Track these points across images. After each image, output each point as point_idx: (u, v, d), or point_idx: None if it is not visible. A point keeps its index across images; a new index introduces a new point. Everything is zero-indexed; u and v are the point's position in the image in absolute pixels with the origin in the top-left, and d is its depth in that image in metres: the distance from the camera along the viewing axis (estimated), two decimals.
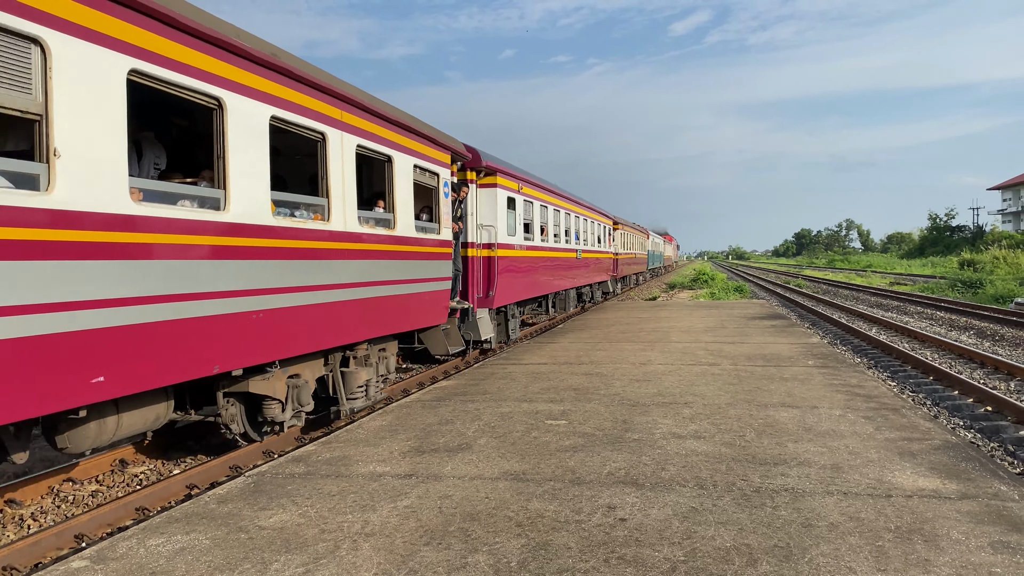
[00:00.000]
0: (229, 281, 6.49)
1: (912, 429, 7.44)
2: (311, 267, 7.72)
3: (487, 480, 6.03)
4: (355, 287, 8.61)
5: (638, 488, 5.73)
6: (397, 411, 8.87)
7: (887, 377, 13.42)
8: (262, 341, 6.96)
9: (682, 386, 10.00)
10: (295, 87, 7.53)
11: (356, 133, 8.71)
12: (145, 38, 5.58)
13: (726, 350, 13.59)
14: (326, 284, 7.99)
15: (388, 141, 9.66)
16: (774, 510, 5.19)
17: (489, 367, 12.24)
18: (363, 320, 8.88)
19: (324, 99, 8.03)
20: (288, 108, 7.38)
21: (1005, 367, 13.48)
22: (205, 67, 6.22)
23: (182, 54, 5.97)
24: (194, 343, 6.10)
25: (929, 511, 5.11)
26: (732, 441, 7.07)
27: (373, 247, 9.12)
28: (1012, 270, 46.72)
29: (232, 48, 6.51)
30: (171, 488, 7.07)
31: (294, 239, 7.42)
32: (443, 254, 11.51)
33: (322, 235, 7.95)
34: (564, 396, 9.49)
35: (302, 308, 7.54)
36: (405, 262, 10.07)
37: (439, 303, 11.47)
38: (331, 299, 8.09)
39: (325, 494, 5.77)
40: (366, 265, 8.92)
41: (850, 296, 36.91)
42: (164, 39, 5.78)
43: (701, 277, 47.71)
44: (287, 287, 7.28)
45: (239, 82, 6.64)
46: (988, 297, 30.55)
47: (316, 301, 7.79)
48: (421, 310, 10.81)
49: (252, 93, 6.82)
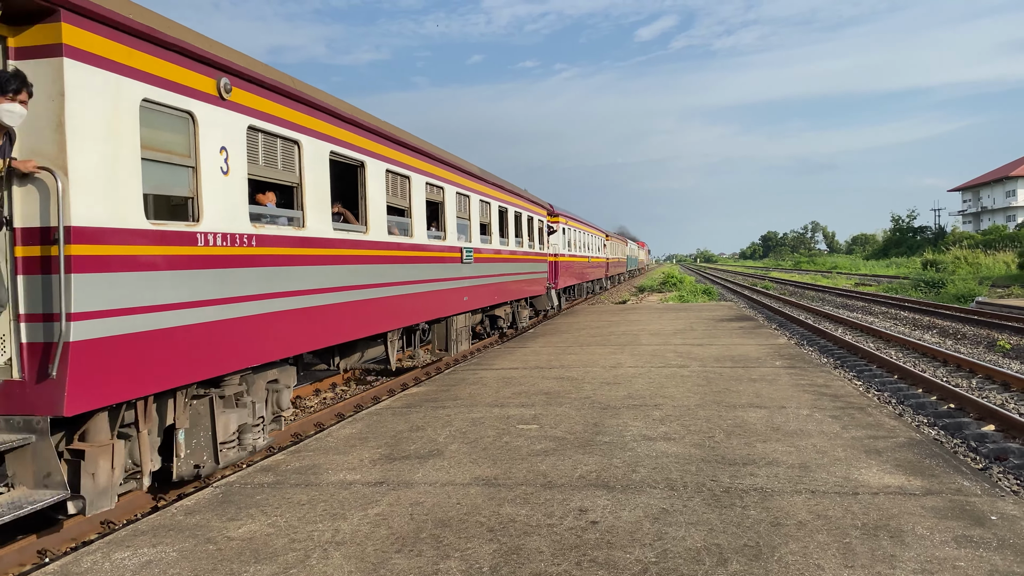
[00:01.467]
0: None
1: (878, 427, 7.55)
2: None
3: (458, 486, 6.01)
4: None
5: (609, 491, 5.75)
6: (367, 418, 8.81)
7: (853, 376, 13.61)
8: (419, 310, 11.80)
9: (652, 388, 10.06)
10: (462, 176, 14.26)
11: (515, 206, 18.27)
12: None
13: (695, 352, 13.69)
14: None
15: (525, 208, 20.56)
16: (743, 510, 5.23)
17: (460, 372, 12.21)
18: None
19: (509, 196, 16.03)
20: (467, 190, 14.90)
21: (967, 365, 13.74)
22: (353, 142, 9.54)
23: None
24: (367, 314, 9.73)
25: (895, 507, 5.19)
26: (702, 442, 7.12)
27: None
28: (973, 270, 47.71)
29: (371, 129, 10.04)
30: (137, 500, 6.95)
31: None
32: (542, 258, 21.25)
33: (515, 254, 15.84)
34: (535, 400, 9.50)
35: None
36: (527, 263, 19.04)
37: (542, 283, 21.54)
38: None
39: (295, 503, 5.72)
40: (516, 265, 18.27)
41: (816, 297, 37.42)
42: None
43: (670, 280, 48.17)
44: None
45: (371, 150, 10.17)
46: (950, 296, 31.16)
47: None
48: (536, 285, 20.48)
49: (379, 156, 10.33)
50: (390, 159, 10.75)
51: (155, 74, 5.97)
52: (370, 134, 10.03)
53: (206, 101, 6.56)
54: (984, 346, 17.13)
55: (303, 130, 8.21)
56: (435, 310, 12.86)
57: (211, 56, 6.59)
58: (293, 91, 8.03)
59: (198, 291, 6.38)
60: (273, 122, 7.63)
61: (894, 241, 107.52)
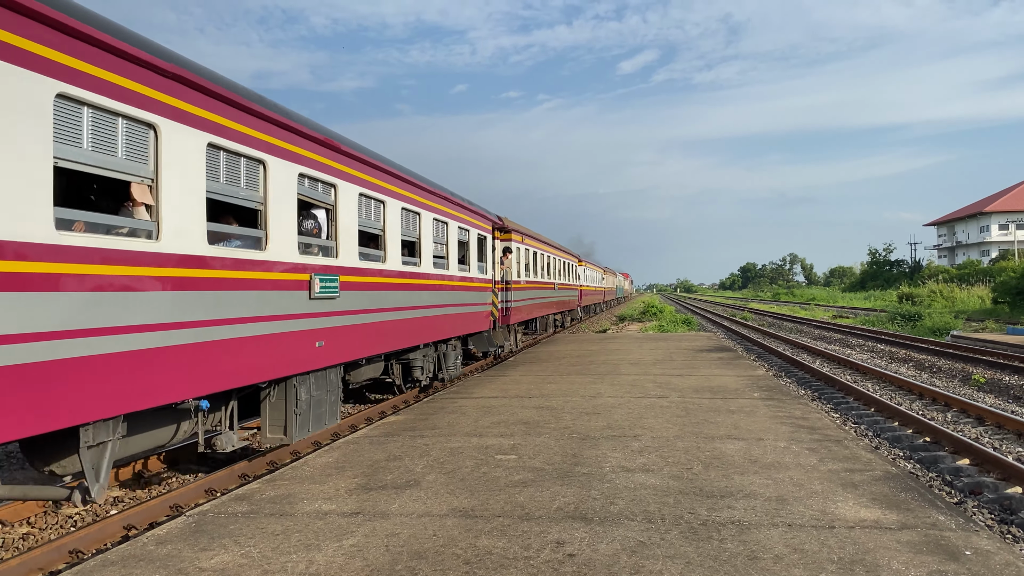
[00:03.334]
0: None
1: (854, 460, 7.59)
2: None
3: (435, 517, 5.96)
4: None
5: (587, 523, 5.73)
6: (344, 447, 8.73)
7: (830, 409, 13.69)
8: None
9: (631, 419, 10.06)
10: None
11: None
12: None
13: (674, 383, 13.72)
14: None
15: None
16: (720, 543, 5.23)
17: (439, 401, 12.15)
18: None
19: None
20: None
21: (942, 398, 13.87)
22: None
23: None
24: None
25: (870, 542, 5.21)
26: (680, 474, 7.12)
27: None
28: (948, 304, 48.36)
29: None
30: (107, 529, 6.83)
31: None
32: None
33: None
34: (514, 430, 9.46)
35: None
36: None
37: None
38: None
39: (269, 533, 5.64)
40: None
41: (794, 329, 37.69)
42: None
43: (650, 310, 48.32)
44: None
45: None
46: (926, 330, 31.53)
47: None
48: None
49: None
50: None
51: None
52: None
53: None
54: (959, 380, 17.31)
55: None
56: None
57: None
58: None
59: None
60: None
61: (871, 274, 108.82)
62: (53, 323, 5.13)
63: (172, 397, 6.39)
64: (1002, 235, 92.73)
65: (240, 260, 7.39)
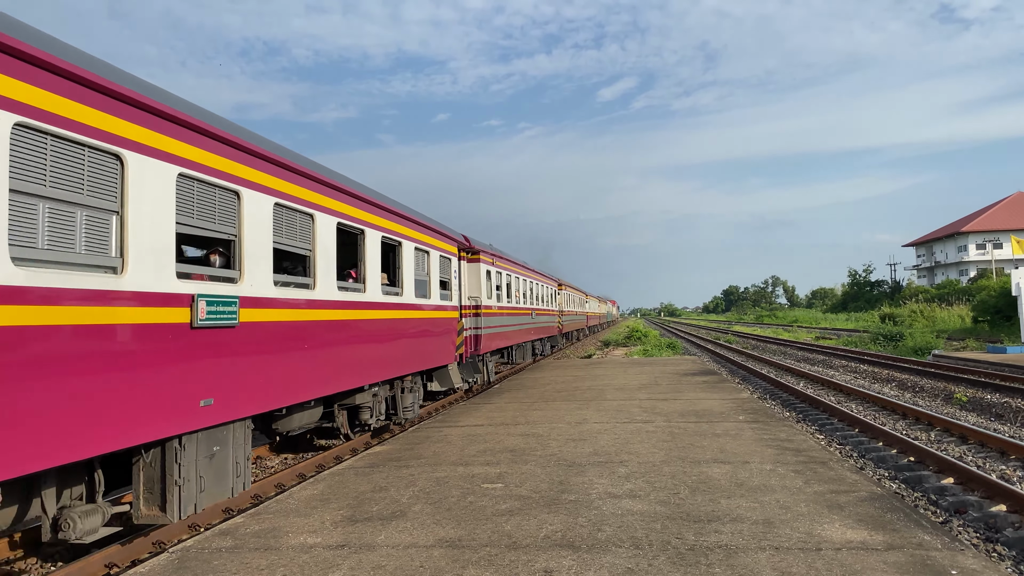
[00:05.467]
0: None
1: (839, 481, 7.61)
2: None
3: (421, 548, 5.91)
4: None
5: (575, 551, 5.70)
6: (329, 479, 8.66)
7: (815, 430, 13.73)
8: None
9: (617, 445, 10.04)
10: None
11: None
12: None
13: (660, 407, 13.73)
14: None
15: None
16: (708, 568, 5.22)
17: (424, 430, 12.09)
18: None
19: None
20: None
21: (926, 418, 13.96)
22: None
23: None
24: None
25: (857, 563, 5.21)
26: (667, 499, 7.11)
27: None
28: (929, 323, 48.74)
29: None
30: (88, 568, 6.71)
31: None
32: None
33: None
34: (500, 458, 9.42)
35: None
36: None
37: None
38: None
39: (254, 568, 5.57)
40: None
41: (778, 351, 37.87)
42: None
43: (635, 334, 48.40)
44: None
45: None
46: (908, 349, 31.76)
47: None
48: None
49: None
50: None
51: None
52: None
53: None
54: (942, 399, 17.44)
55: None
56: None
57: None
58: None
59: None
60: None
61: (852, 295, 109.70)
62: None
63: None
64: (979, 254, 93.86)
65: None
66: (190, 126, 6.92)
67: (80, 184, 5.65)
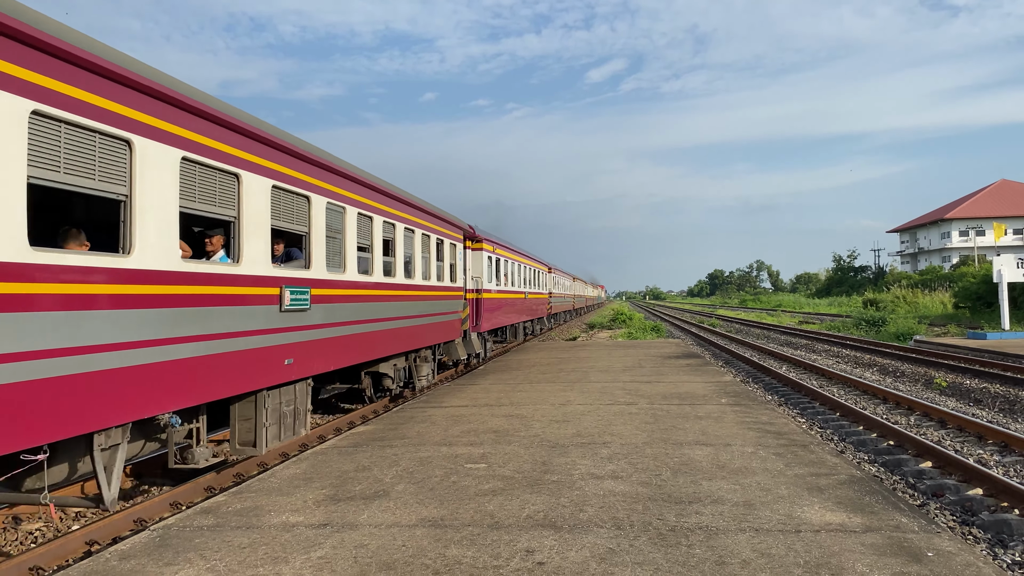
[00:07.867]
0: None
1: (820, 464, 7.69)
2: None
3: (404, 527, 5.93)
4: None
5: (556, 531, 5.73)
6: (312, 458, 8.65)
7: (797, 414, 13.85)
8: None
9: (600, 426, 10.09)
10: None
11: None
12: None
13: (643, 389, 13.80)
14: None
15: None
16: (689, 548, 5.26)
17: (408, 411, 12.10)
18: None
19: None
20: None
21: (906, 402, 14.10)
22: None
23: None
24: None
25: (836, 545, 5.27)
26: (649, 480, 7.16)
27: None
28: (911, 309, 49.19)
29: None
30: (69, 545, 6.68)
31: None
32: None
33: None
34: (484, 439, 9.44)
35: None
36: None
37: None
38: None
39: (235, 546, 5.56)
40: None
41: (762, 335, 38.11)
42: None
43: (619, 317, 48.53)
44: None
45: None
46: (890, 335, 32.04)
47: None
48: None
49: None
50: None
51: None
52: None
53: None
54: (922, 383, 17.62)
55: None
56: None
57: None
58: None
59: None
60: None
61: (836, 280, 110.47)
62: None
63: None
64: (963, 241, 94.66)
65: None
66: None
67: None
